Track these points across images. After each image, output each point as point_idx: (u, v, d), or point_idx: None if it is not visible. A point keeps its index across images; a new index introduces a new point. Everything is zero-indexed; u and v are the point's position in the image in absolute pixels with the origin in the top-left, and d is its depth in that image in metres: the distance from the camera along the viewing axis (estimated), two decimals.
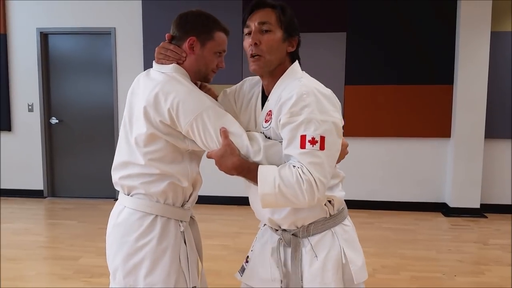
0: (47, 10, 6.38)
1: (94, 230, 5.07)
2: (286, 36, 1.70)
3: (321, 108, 1.56)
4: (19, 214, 5.85)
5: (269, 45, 1.67)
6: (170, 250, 1.78)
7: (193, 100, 1.68)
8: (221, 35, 1.84)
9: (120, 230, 1.81)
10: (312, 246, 1.70)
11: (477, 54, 5.64)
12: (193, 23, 1.81)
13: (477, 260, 4.42)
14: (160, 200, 1.78)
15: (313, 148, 1.52)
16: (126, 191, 1.83)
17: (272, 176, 1.54)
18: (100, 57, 6.44)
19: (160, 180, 1.76)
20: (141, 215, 1.78)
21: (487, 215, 5.79)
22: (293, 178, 1.51)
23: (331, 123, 1.56)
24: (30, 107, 6.53)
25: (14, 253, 4.39)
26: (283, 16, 1.69)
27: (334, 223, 1.73)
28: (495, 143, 5.89)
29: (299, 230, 1.72)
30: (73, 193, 6.63)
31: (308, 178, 1.50)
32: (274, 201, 1.56)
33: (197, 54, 1.80)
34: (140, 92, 1.77)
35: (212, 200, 5.96)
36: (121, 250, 1.79)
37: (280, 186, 1.52)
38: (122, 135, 1.84)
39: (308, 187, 1.50)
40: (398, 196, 6.07)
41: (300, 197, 1.51)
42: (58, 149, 6.65)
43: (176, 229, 1.81)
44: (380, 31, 5.82)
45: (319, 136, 1.53)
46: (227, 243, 4.69)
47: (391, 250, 4.54)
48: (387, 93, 5.89)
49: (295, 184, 1.51)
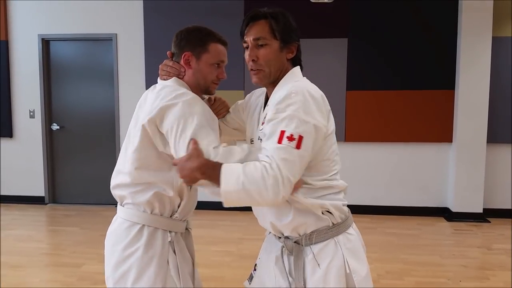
0: (48, 17, 6.39)
1: (96, 237, 5.05)
2: (283, 45, 1.71)
3: (306, 109, 1.56)
4: (20, 220, 5.83)
5: (267, 59, 1.70)
6: (157, 259, 1.81)
7: (185, 104, 1.70)
8: (217, 47, 1.89)
9: (111, 239, 1.89)
10: (315, 254, 1.68)
11: (479, 59, 5.64)
12: (187, 39, 1.87)
13: (481, 265, 4.40)
14: (147, 210, 1.83)
15: (289, 145, 1.51)
16: (119, 200, 1.92)
17: (236, 173, 1.52)
18: (101, 64, 6.44)
19: (145, 190, 1.81)
20: (129, 225, 1.84)
21: (490, 219, 5.78)
22: (258, 174, 1.49)
23: (312, 125, 1.56)
24: (31, 113, 6.52)
25: (16, 260, 4.37)
26: (277, 26, 1.69)
27: (338, 232, 1.71)
28: (497, 148, 5.89)
29: (302, 237, 1.70)
30: (75, 200, 6.61)
31: (275, 174, 1.48)
32: (236, 198, 1.53)
33: (193, 68, 1.86)
34: (146, 105, 1.82)
35: (214, 206, 5.89)
36: (111, 258, 1.85)
37: (244, 183, 1.50)
38: (123, 147, 1.91)
39: (273, 182, 1.48)
40: (400, 201, 6.06)
41: (263, 194, 1.49)
42: (59, 155, 6.64)
43: (163, 239, 1.84)
44: (381, 36, 5.83)
45: (298, 135, 1.52)
46: (231, 249, 4.67)
47: (394, 255, 4.53)
48: (388, 98, 5.89)
49: (260, 180, 1.49)
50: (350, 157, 5.97)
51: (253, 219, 1.90)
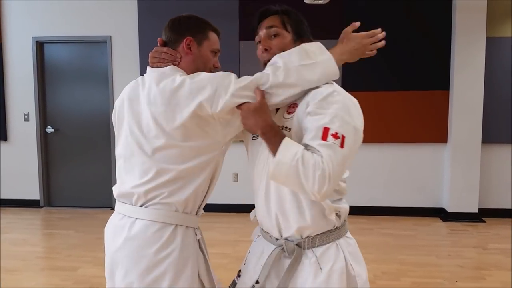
0: (42, 19, 6.36)
1: (92, 240, 5.03)
2: (295, 38, 1.74)
3: (347, 110, 1.57)
4: (15, 224, 5.80)
5: (280, 48, 1.70)
6: (191, 260, 1.75)
7: (207, 80, 1.67)
8: (214, 35, 1.87)
9: (135, 243, 1.72)
10: (317, 258, 1.65)
11: (473, 59, 5.67)
12: (187, 24, 1.84)
13: (477, 265, 4.41)
14: (179, 209, 1.74)
15: (334, 142, 1.50)
16: (141, 202, 1.74)
17: (295, 149, 1.51)
18: (96, 66, 6.43)
19: (186, 186, 1.71)
20: (160, 226, 1.71)
21: (486, 219, 5.80)
22: (312, 161, 1.48)
23: (353, 127, 1.56)
24: (26, 116, 6.50)
25: (12, 264, 4.35)
26: (289, 19, 1.74)
27: (339, 236, 1.70)
28: (492, 148, 5.91)
29: (304, 240, 1.67)
30: (70, 203, 6.59)
31: (324, 167, 1.47)
32: (285, 173, 1.51)
33: (194, 53, 1.81)
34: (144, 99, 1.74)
35: (211, 208, 5.88)
36: (138, 264, 1.70)
37: (298, 161, 1.48)
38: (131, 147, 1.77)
39: (321, 175, 1.46)
40: (396, 202, 6.07)
41: (310, 181, 1.47)
42: (54, 158, 6.61)
43: (194, 237, 1.79)
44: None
45: (341, 134, 1.52)
46: (227, 251, 4.66)
47: (391, 256, 4.53)
48: (383, 99, 5.90)
49: (311, 167, 1.47)
50: None
51: (249, 221, 1.89)
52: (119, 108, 1.88)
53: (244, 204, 6.00)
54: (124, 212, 1.79)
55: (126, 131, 1.81)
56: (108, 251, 1.82)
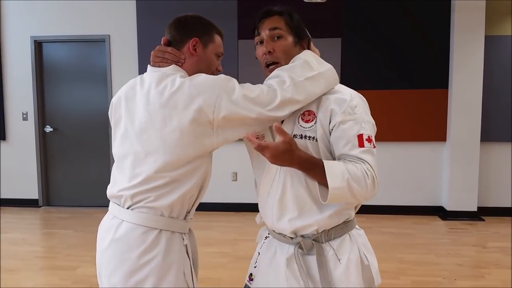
0: (40, 19, 6.35)
1: (91, 239, 4.97)
2: (297, 40, 1.75)
3: (365, 110, 1.69)
4: (14, 224, 5.79)
5: (283, 50, 1.71)
6: (175, 265, 1.70)
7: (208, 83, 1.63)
8: (219, 38, 1.84)
9: (119, 246, 1.70)
10: (335, 250, 1.68)
11: (472, 58, 5.67)
12: (194, 25, 1.80)
13: (476, 263, 4.42)
14: (165, 213, 1.70)
15: (370, 146, 1.62)
16: (127, 204, 1.73)
17: (340, 170, 1.54)
18: (94, 65, 6.42)
19: (172, 191, 1.67)
20: (144, 230, 1.68)
21: (485, 218, 5.81)
22: (359, 172, 1.55)
23: (372, 124, 1.69)
24: (24, 115, 6.49)
25: (11, 264, 4.34)
26: (291, 21, 1.74)
27: (351, 227, 1.74)
28: (491, 146, 5.92)
29: (320, 234, 1.68)
30: (69, 202, 6.58)
31: (371, 174, 1.57)
32: (342, 194, 1.55)
33: (199, 55, 1.77)
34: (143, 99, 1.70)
35: (210, 207, 5.92)
36: (121, 267, 1.69)
37: (348, 180, 1.53)
38: (125, 147, 1.74)
39: (371, 182, 1.56)
40: (394, 200, 6.07)
41: (363, 192, 1.55)
42: (53, 158, 6.61)
43: (180, 243, 1.74)
44: (374, 36, 5.84)
45: (371, 136, 1.64)
46: (226, 251, 4.66)
47: (390, 255, 4.53)
48: (382, 98, 5.90)
49: (362, 179, 1.54)
50: None
51: (248, 220, 1.88)
52: (115, 106, 1.85)
53: (243, 203, 6.01)
54: (114, 212, 1.78)
55: (121, 131, 1.78)
56: (98, 250, 1.81)
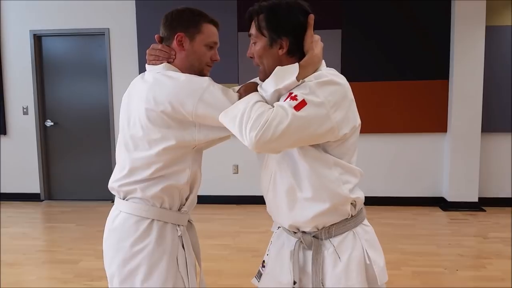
0: (40, 12, 6.33)
1: (93, 233, 5.04)
2: (270, 42, 1.64)
3: (324, 86, 1.52)
4: (16, 218, 5.80)
5: (258, 55, 1.68)
6: (168, 255, 1.75)
7: (190, 84, 1.66)
8: (210, 27, 1.81)
9: (115, 235, 1.79)
10: (335, 247, 1.66)
11: (473, 48, 5.65)
12: (179, 20, 1.79)
13: (477, 254, 4.43)
14: (156, 204, 1.75)
15: (289, 103, 1.47)
16: (122, 195, 1.81)
17: (256, 98, 1.53)
18: (94, 59, 6.41)
19: (157, 184, 1.73)
20: (136, 220, 1.75)
21: (486, 208, 5.82)
22: (260, 108, 1.48)
23: (320, 102, 1.49)
24: (25, 110, 6.49)
25: (13, 258, 4.36)
26: (263, 22, 1.65)
27: (355, 224, 1.70)
28: (491, 137, 5.91)
29: (321, 231, 1.67)
30: (70, 196, 6.59)
31: (265, 113, 1.45)
32: (232, 116, 1.52)
33: (187, 49, 1.78)
34: (136, 95, 1.75)
35: (211, 199, 5.94)
36: (117, 256, 1.76)
37: (248, 106, 1.50)
38: (121, 141, 1.81)
39: (258, 117, 1.45)
40: (395, 191, 6.08)
41: (249, 123, 1.45)
42: (53, 152, 6.61)
43: (173, 233, 1.78)
44: (375, 27, 5.82)
45: (301, 98, 1.48)
46: (228, 243, 4.67)
47: (391, 246, 4.54)
48: (383, 89, 5.89)
49: (255, 111, 1.47)
50: None
51: (250, 212, 1.89)
52: (122, 103, 1.89)
53: (245, 195, 6.02)
54: (115, 203, 1.86)
55: (121, 126, 1.84)
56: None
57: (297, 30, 1.63)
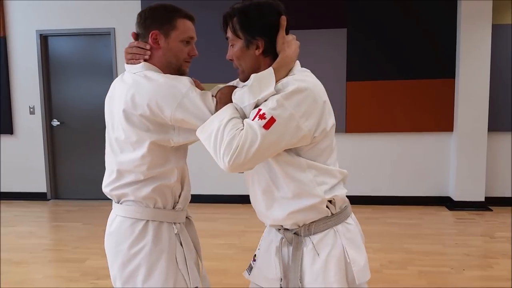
0: (46, 12, 6.36)
1: (99, 232, 5.03)
2: (246, 43, 1.67)
3: (292, 96, 1.53)
4: (23, 217, 5.83)
5: (236, 57, 1.70)
6: (166, 253, 1.76)
7: (169, 89, 1.63)
8: (185, 22, 1.78)
9: (113, 239, 1.81)
10: (314, 244, 1.67)
11: (479, 47, 5.62)
12: (152, 17, 1.77)
13: (484, 253, 4.41)
14: (150, 204, 1.76)
15: (257, 122, 1.49)
16: (115, 199, 1.82)
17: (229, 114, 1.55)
18: (100, 58, 6.43)
19: (147, 185, 1.74)
20: (132, 222, 1.76)
21: (492, 208, 5.78)
22: (232, 129, 1.50)
23: (290, 114, 1.51)
24: (31, 109, 6.52)
25: (19, 257, 4.38)
26: (237, 24, 1.67)
27: (336, 222, 1.69)
28: (498, 136, 5.88)
29: (301, 228, 1.69)
30: (77, 195, 6.62)
31: (236, 137, 1.48)
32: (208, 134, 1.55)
33: (163, 47, 1.75)
34: (116, 97, 1.74)
35: (216, 199, 5.94)
36: (117, 259, 1.78)
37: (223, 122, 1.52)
38: (107, 144, 1.81)
39: (229, 142, 1.48)
40: (401, 191, 6.06)
41: (223, 147, 1.49)
42: (60, 151, 6.64)
43: (169, 231, 1.79)
44: (380, 26, 5.80)
45: (270, 116, 1.49)
46: (233, 242, 4.67)
47: (397, 245, 4.53)
48: (388, 88, 5.87)
49: (227, 132, 1.50)
50: (350, 148, 5.97)
51: (255, 212, 1.89)
52: (105, 105, 1.86)
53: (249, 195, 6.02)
54: (113, 207, 1.87)
55: (107, 129, 1.83)
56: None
57: (271, 30, 1.65)
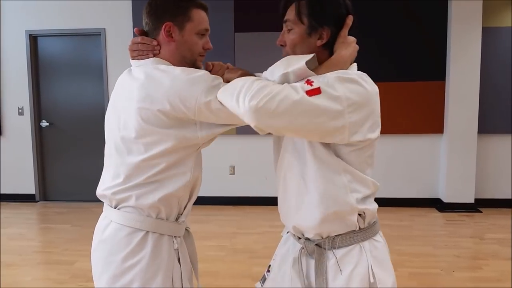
0: (35, 12, 6.31)
1: (88, 234, 4.95)
2: (309, 30, 1.53)
3: (344, 83, 1.42)
4: (11, 219, 5.77)
5: (292, 44, 1.55)
6: (163, 271, 1.60)
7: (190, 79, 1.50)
8: (200, 13, 1.63)
9: (106, 247, 1.62)
10: (337, 259, 1.53)
11: (469, 49, 5.66)
12: (164, 7, 1.60)
13: (474, 255, 4.43)
14: (152, 214, 1.60)
15: (302, 85, 1.36)
16: (114, 203, 1.65)
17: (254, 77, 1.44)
18: (90, 59, 6.38)
19: (154, 191, 1.58)
20: (129, 231, 1.59)
21: (482, 209, 5.82)
22: (262, 82, 1.37)
23: (337, 96, 1.38)
24: (20, 110, 6.46)
25: (9, 259, 4.33)
26: (304, 8, 1.52)
27: (364, 238, 1.56)
28: (488, 138, 5.92)
29: (324, 240, 1.56)
30: (66, 197, 6.56)
31: (269, 85, 1.35)
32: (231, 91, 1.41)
33: (177, 40, 1.61)
34: (124, 94, 1.63)
35: (207, 200, 5.92)
36: (107, 270, 1.60)
37: (248, 81, 1.39)
38: (110, 144, 1.68)
39: (261, 88, 1.33)
40: (392, 192, 6.08)
41: (246, 94, 1.34)
42: (49, 153, 6.58)
43: (169, 246, 1.63)
44: (371, 28, 5.81)
45: (317, 86, 1.36)
46: (224, 244, 4.65)
47: (388, 247, 4.53)
48: (379, 90, 5.87)
49: (257, 83, 1.36)
50: None
51: (246, 214, 1.87)
52: (110, 103, 1.77)
53: (241, 196, 6.01)
54: (105, 212, 1.71)
55: (109, 127, 1.72)
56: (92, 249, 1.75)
57: (339, 23, 1.59)
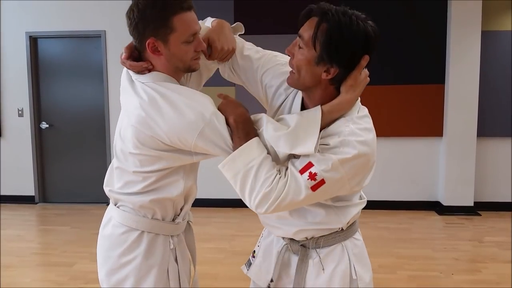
0: (36, 14, 6.31)
1: (88, 236, 5.01)
2: (318, 60, 1.43)
3: (347, 163, 1.41)
4: (10, 220, 5.77)
5: (298, 65, 1.47)
6: (157, 268, 1.64)
7: (190, 117, 1.46)
8: (182, 18, 1.50)
9: (105, 243, 1.70)
10: (321, 258, 1.61)
11: (468, 53, 5.67)
12: (144, 20, 1.50)
13: (473, 258, 4.44)
14: (148, 215, 1.64)
15: (306, 182, 1.39)
16: (113, 201, 1.72)
17: (255, 154, 1.41)
18: (90, 61, 6.39)
19: (145, 195, 1.61)
20: (125, 230, 1.65)
21: (481, 212, 5.82)
22: (266, 176, 1.40)
23: (340, 178, 1.42)
24: (20, 112, 6.45)
25: (7, 260, 4.33)
26: (322, 35, 1.40)
27: (345, 237, 1.64)
28: (487, 141, 5.93)
29: (309, 241, 1.63)
30: (65, 199, 6.56)
31: (274, 189, 1.39)
32: (234, 174, 1.43)
33: (164, 54, 1.53)
34: (125, 106, 1.61)
35: (206, 203, 5.91)
36: (105, 264, 1.69)
37: (252, 168, 1.40)
38: (118, 144, 1.66)
39: (266, 194, 1.39)
40: (391, 196, 6.08)
41: (254, 194, 1.41)
42: (49, 154, 6.58)
43: (164, 246, 1.67)
44: None
45: (321, 178, 1.39)
46: (223, 246, 4.65)
47: (387, 250, 4.54)
48: (378, 93, 5.90)
49: (261, 182, 1.39)
50: None
51: (246, 216, 1.88)
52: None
53: (240, 199, 6.00)
54: (109, 207, 1.76)
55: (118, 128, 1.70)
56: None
57: (352, 64, 1.48)
